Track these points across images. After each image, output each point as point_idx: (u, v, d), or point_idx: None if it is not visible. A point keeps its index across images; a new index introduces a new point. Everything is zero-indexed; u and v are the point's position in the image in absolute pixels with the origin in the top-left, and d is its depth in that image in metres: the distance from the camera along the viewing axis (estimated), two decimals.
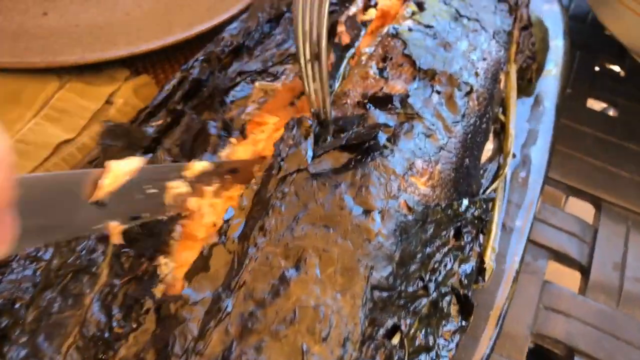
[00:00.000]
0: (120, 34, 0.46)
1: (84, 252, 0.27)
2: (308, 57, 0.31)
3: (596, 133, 0.48)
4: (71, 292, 0.25)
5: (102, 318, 0.24)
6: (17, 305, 0.26)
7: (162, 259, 0.26)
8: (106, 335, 0.24)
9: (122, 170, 0.24)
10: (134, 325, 0.24)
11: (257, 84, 0.35)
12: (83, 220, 0.23)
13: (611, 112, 0.51)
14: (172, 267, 0.26)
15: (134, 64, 0.46)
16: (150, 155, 0.31)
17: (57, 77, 0.43)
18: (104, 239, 0.27)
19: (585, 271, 0.39)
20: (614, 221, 0.42)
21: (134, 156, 0.26)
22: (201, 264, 0.26)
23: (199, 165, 0.28)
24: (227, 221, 0.27)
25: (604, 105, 0.52)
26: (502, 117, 0.42)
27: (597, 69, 0.55)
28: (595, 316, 0.36)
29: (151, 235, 0.26)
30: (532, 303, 0.37)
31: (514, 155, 0.40)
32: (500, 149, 0.41)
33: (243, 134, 0.32)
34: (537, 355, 0.35)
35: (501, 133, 0.42)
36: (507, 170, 0.39)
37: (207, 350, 0.22)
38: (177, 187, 0.27)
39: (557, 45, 0.51)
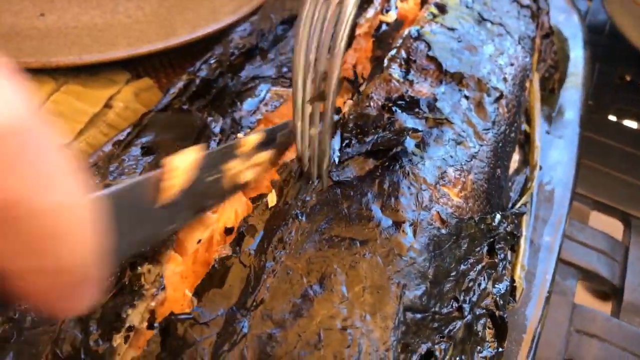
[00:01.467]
0: (120, 36, 0.43)
1: None
2: (308, 95, 0.24)
3: (622, 146, 0.46)
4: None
5: (77, 334, 0.21)
6: None
7: (145, 267, 0.23)
8: (82, 356, 0.21)
9: (181, 165, 0.22)
10: (114, 344, 0.21)
11: (272, 89, 0.32)
12: (156, 225, 0.22)
13: (634, 125, 0.49)
14: (155, 275, 0.23)
15: (135, 67, 0.44)
16: (151, 157, 0.28)
17: (52, 79, 0.40)
18: None
19: (617, 292, 0.37)
20: None
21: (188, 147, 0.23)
22: (213, 279, 0.23)
23: (252, 138, 0.25)
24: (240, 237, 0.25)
25: (626, 117, 0.50)
26: (526, 127, 0.40)
27: (616, 80, 0.53)
28: (632, 340, 0.34)
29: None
30: (563, 326, 0.34)
31: (540, 168, 0.38)
32: (526, 161, 0.38)
33: (252, 131, 0.29)
34: None
35: (525, 144, 0.39)
36: (535, 184, 0.36)
37: None
38: (234, 167, 0.25)
39: (577, 56, 0.49)
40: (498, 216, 0.29)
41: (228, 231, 0.25)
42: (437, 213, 0.26)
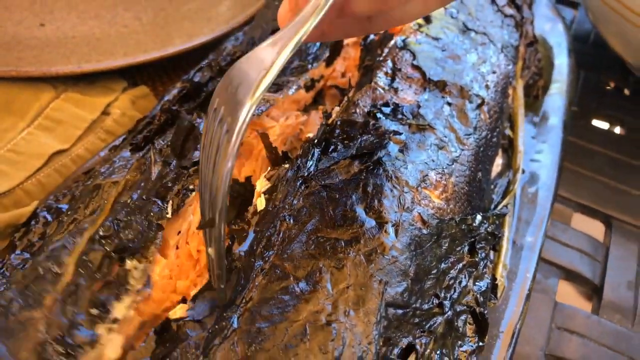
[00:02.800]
0: (118, 45, 0.45)
1: (54, 250, 0.25)
2: (207, 217, 0.22)
3: (604, 151, 0.48)
4: (34, 293, 0.24)
5: (64, 321, 0.22)
6: None
7: (133, 262, 0.24)
8: (68, 340, 0.22)
9: None
10: (98, 333, 0.22)
11: None
12: None
13: (617, 130, 0.51)
14: (141, 271, 0.24)
15: (132, 76, 0.45)
16: (139, 154, 0.29)
17: (52, 87, 0.41)
18: (77, 233, 0.25)
19: (598, 291, 0.38)
20: (625, 239, 0.41)
21: None
22: (207, 283, 0.24)
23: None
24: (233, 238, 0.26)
25: (610, 123, 0.51)
26: (510, 132, 0.41)
27: (601, 87, 0.54)
28: (611, 337, 0.35)
29: (134, 239, 0.25)
30: (544, 323, 0.35)
31: (522, 171, 0.39)
32: (509, 165, 0.39)
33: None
34: None
35: (509, 149, 0.41)
36: (517, 186, 0.38)
37: None
38: None
39: (561, 63, 0.50)
40: (479, 217, 0.30)
41: None
42: (419, 214, 0.27)
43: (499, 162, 0.39)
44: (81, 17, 0.48)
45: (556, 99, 0.47)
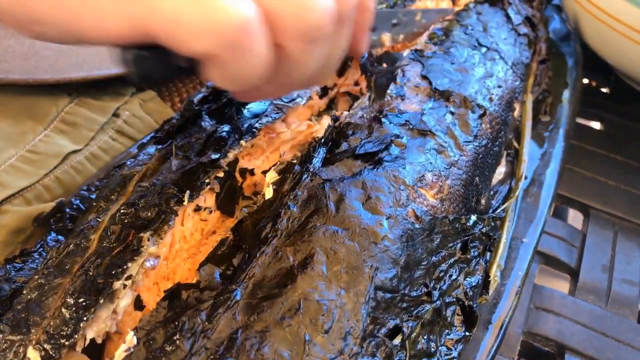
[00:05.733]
0: None
1: (83, 229, 0.28)
2: None
3: (585, 145, 0.51)
4: (65, 264, 0.27)
5: (86, 282, 0.25)
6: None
7: (147, 234, 0.27)
8: (86, 297, 0.25)
9: None
10: (115, 288, 0.25)
11: (273, 102, 0.37)
12: None
13: (597, 126, 0.55)
14: (155, 241, 0.27)
15: None
16: (162, 147, 0.32)
17: (67, 94, 0.45)
18: (102, 214, 0.29)
19: (574, 274, 0.41)
20: (601, 227, 0.44)
21: None
22: (216, 257, 0.27)
23: None
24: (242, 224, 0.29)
25: (590, 119, 0.55)
26: (516, 144, 0.43)
27: (585, 86, 0.58)
28: (585, 315, 0.38)
29: (150, 219, 0.28)
30: (524, 304, 0.38)
31: (525, 177, 0.41)
32: (513, 173, 0.41)
33: (253, 137, 0.33)
34: (528, 353, 0.37)
35: (515, 159, 0.43)
36: (519, 193, 0.40)
37: (214, 335, 0.24)
38: None
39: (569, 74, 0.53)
40: (473, 218, 0.33)
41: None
42: (413, 210, 0.30)
43: (501, 170, 0.41)
44: None
45: (562, 109, 0.49)
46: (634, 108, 0.57)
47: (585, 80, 0.59)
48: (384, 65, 0.40)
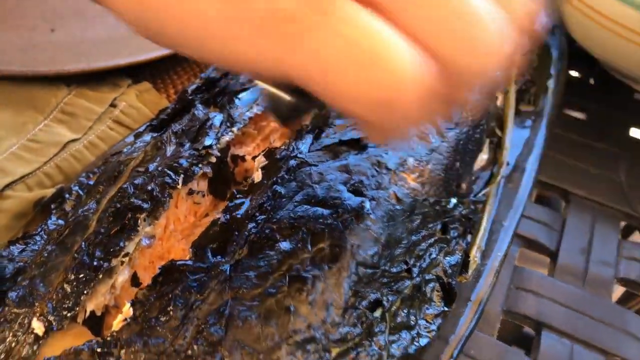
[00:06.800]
0: (123, 47, 0.49)
1: (83, 212, 0.30)
2: None
3: (568, 135, 0.53)
4: (66, 244, 0.29)
5: (84, 258, 0.27)
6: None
7: (143, 216, 0.29)
8: (86, 273, 0.27)
9: None
10: (113, 264, 0.27)
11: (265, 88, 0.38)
12: None
13: (580, 116, 0.57)
14: (151, 222, 0.29)
15: (136, 74, 0.50)
16: (157, 134, 0.34)
17: (66, 85, 0.47)
18: (101, 198, 0.30)
19: (553, 256, 0.43)
20: (581, 211, 0.46)
21: None
22: (208, 236, 0.29)
23: None
24: (232, 204, 0.31)
25: (573, 109, 0.58)
26: (499, 132, 0.45)
27: (568, 76, 0.59)
28: (563, 295, 0.40)
29: (146, 201, 0.30)
30: (504, 284, 0.40)
31: (507, 164, 0.43)
32: (495, 160, 0.43)
33: (244, 125, 0.35)
34: (507, 330, 0.39)
35: (498, 147, 0.45)
36: (501, 178, 0.41)
37: (205, 306, 0.25)
38: None
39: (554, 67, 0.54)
40: (453, 200, 0.34)
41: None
42: (394, 192, 0.32)
43: (484, 157, 0.43)
44: (89, 23, 0.53)
45: (546, 99, 0.51)
46: (616, 98, 0.59)
47: (573, 73, 0.61)
48: None
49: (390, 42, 0.18)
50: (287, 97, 0.23)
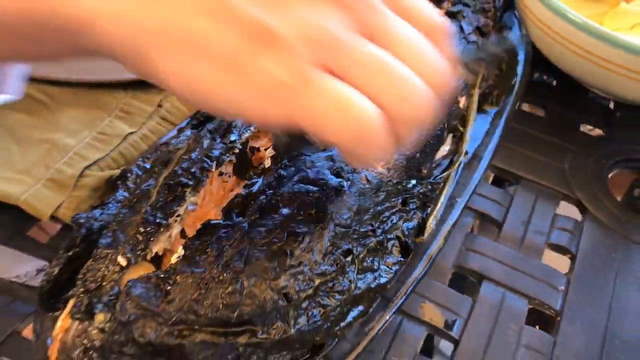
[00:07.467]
0: None
1: (144, 187, 0.43)
2: None
3: (527, 130, 0.65)
4: (136, 207, 0.42)
5: (150, 217, 0.40)
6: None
7: (189, 189, 0.42)
8: (152, 227, 0.40)
9: None
10: (169, 221, 0.40)
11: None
12: None
13: (541, 114, 0.68)
14: (194, 194, 0.42)
15: None
16: (196, 131, 0.47)
17: (124, 90, 0.59)
18: (158, 176, 0.43)
19: (500, 226, 0.55)
20: (527, 192, 0.58)
21: None
22: (232, 203, 0.42)
23: None
24: (250, 182, 0.43)
25: (537, 107, 0.68)
26: (461, 129, 0.57)
27: (531, 77, 0.71)
28: (502, 255, 0.52)
29: (191, 179, 0.43)
30: (457, 247, 0.52)
31: (466, 153, 0.55)
32: (457, 150, 0.55)
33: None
34: (455, 281, 0.51)
35: (460, 139, 0.57)
36: (459, 164, 0.53)
37: (230, 249, 0.38)
38: None
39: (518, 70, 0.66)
40: (413, 181, 0.47)
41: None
42: (365, 176, 0.44)
43: (446, 148, 0.55)
44: None
45: (508, 98, 0.62)
46: (574, 98, 0.70)
47: (538, 75, 0.72)
48: None
49: (355, 99, 0.27)
50: (286, 138, 0.37)
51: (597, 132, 0.67)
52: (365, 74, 0.27)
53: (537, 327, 0.48)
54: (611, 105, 0.70)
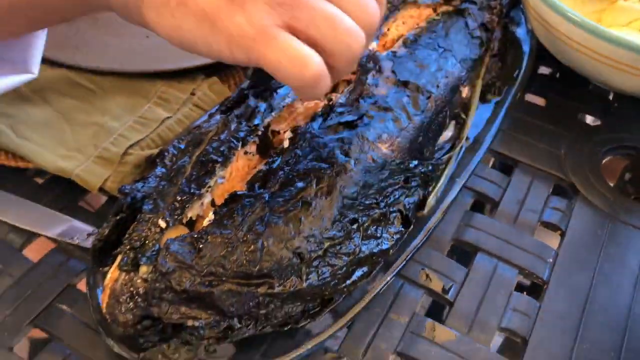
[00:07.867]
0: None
1: (180, 163, 0.50)
2: None
3: (528, 118, 0.69)
4: (173, 179, 0.48)
5: (185, 188, 0.47)
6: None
7: (218, 165, 0.49)
8: (187, 196, 0.47)
9: None
10: (202, 190, 0.47)
11: None
12: None
13: (542, 103, 0.72)
14: (222, 169, 0.49)
15: (209, 71, 0.68)
16: (225, 116, 0.54)
17: (160, 79, 0.65)
18: (191, 155, 0.50)
19: (496, 204, 0.60)
20: (523, 174, 0.62)
21: None
22: (256, 178, 0.49)
23: None
24: (271, 160, 0.50)
25: (539, 98, 0.72)
26: (463, 116, 0.63)
27: (536, 70, 0.75)
28: (497, 230, 0.57)
29: (220, 156, 0.49)
30: (456, 222, 0.57)
31: (467, 139, 0.61)
32: (458, 136, 0.61)
33: (280, 111, 0.54)
34: (454, 251, 0.56)
35: (463, 126, 0.62)
36: (461, 148, 0.59)
37: (253, 216, 0.45)
38: None
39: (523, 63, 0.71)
40: (414, 162, 0.53)
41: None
42: (371, 156, 0.50)
43: (448, 134, 0.61)
44: None
45: (510, 89, 0.68)
46: (575, 89, 0.74)
47: (543, 66, 0.77)
48: (370, 62, 0.60)
49: (303, 51, 0.35)
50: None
51: (596, 121, 0.71)
52: (316, 24, 0.36)
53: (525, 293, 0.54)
54: (610, 97, 0.74)
